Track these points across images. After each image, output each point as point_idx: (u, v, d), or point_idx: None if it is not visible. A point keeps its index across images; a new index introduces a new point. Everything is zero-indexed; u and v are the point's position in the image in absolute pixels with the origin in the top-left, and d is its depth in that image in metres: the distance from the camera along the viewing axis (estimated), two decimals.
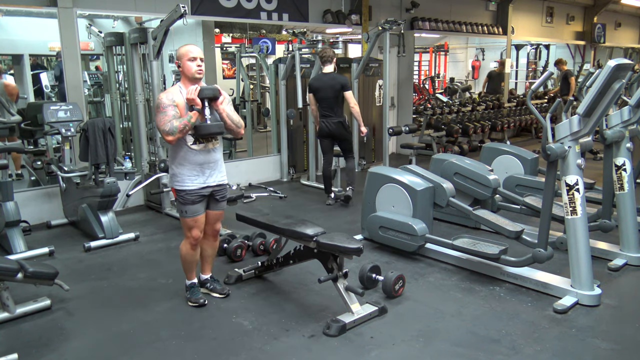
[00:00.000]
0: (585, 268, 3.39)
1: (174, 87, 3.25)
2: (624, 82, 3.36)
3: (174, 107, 3.11)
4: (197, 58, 3.19)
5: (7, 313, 3.27)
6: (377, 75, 8.03)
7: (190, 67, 3.18)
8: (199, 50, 3.24)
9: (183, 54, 3.20)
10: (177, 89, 3.21)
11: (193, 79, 3.20)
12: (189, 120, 3.08)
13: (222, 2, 6.53)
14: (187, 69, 3.19)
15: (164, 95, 3.17)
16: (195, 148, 3.20)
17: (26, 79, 7.15)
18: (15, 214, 4.43)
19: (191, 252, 3.40)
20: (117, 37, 5.99)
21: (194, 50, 3.21)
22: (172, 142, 3.12)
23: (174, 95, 3.16)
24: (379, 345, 2.95)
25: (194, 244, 3.37)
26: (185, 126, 3.07)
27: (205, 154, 3.24)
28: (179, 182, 3.24)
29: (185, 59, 3.18)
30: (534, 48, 13.50)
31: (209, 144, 3.24)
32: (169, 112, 3.09)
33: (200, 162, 3.23)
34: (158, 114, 3.13)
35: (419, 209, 4.21)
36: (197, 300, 3.44)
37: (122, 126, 6.48)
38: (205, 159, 3.24)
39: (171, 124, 3.06)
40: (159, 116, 3.12)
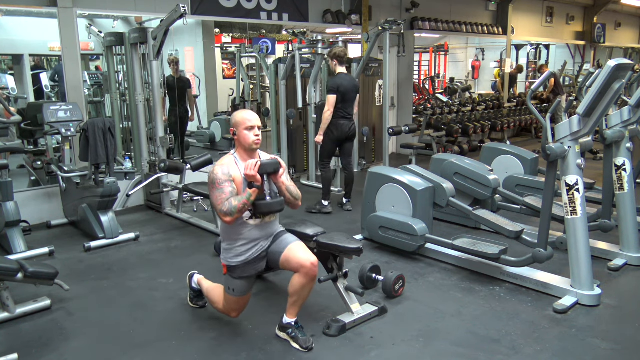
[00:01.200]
0: (585, 268, 3.39)
1: (228, 158, 2.93)
2: (624, 82, 3.36)
3: (230, 182, 2.81)
4: (255, 127, 2.89)
5: (7, 313, 3.27)
6: (377, 75, 8.03)
7: (247, 138, 2.88)
8: (256, 118, 2.93)
9: (239, 122, 2.89)
10: (233, 161, 2.91)
11: (250, 149, 2.92)
12: (248, 198, 2.76)
13: (222, 2, 6.53)
14: (243, 138, 2.89)
15: (219, 170, 2.84)
16: (252, 223, 2.91)
17: (26, 79, 7.15)
18: (15, 214, 4.42)
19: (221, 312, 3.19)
20: (117, 37, 5.99)
21: (252, 118, 2.90)
22: (230, 222, 2.81)
23: (230, 168, 2.86)
24: (379, 345, 2.95)
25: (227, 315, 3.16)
26: (244, 205, 2.76)
27: (262, 228, 2.95)
28: (231, 258, 2.95)
29: (241, 127, 2.88)
30: (534, 48, 13.51)
31: (266, 217, 2.95)
32: (225, 190, 2.79)
33: (256, 238, 2.94)
34: (214, 190, 2.82)
35: (419, 209, 4.21)
36: (197, 303, 3.42)
37: (122, 126, 6.48)
38: (262, 234, 2.97)
39: (229, 203, 2.75)
40: (215, 193, 2.81)
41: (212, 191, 2.84)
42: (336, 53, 5.44)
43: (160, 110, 5.54)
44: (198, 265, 3.94)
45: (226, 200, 2.77)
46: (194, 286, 3.43)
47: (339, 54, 5.47)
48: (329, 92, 5.41)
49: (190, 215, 5.42)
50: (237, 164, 2.90)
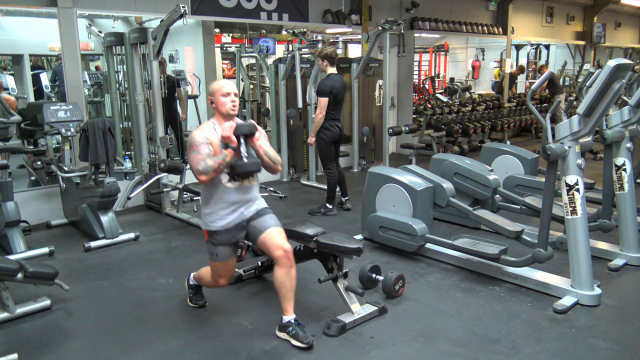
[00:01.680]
0: (585, 268, 3.39)
1: (207, 124, 3.05)
2: (624, 82, 3.36)
3: (207, 145, 2.91)
4: (231, 93, 3.00)
5: (7, 313, 3.27)
6: (377, 75, 8.03)
7: (224, 103, 2.98)
8: (232, 85, 3.06)
9: (216, 89, 3.02)
10: (211, 126, 3.01)
11: (227, 115, 3.00)
12: (223, 159, 2.85)
13: (222, 2, 6.53)
14: (220, 105, 2.99)
15: (197, 133, 2.96)
16: (230, 186, 2.99)
17: (26, 79, 7.15)
18: (15, 214, 4.43)
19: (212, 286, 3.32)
20: (117, 37, 5.99)
21: (228, 86, 3.02)
22: (205, 181, 2.90)
23: (207, 132, 2.97)
24: (379, 345, 2.95)
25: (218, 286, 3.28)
26: (220, 165, 2.85)
27: (241, 192, 3.02)
28: (212, 222, 3.02)
29: (218, 94, 3.00)
30: (534, 48, 13.51)
31: (244, 181, 3.02)
32: (202, 151, 2.89)
33: (235, 201, 3.01)
34: (191, 152, 2.92)
35: (419, 209, 4.21)
36: (197, 302, 3.44)
37: (122, 126, 6.48)
38: (241, 198, 3.02)
39: (205, 162, 2.85)
40: (192, 154, 2.91)
41: (190, 153, 2.94)
42: (327, 53, 5.31)
43: (160, 110, 5.54)
44: (198, 265, 3.92)
45: (202, 160, 2.87)
46: (190, 283, 3.48)
47: (330, 54, 5.36)
48: (321, 94, 5.24)
49: (190, 215, 5.42)
50: (215, 129, 3.00)
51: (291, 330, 2.97)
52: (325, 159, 5.51)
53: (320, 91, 5.28)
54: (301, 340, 2.92)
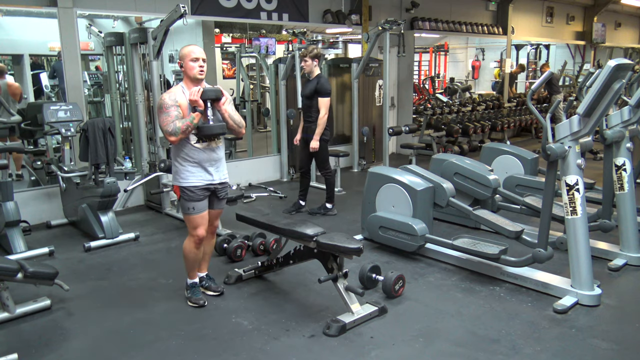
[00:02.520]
0: (585, 268, 3.39)
1: (176, 87, 3.26)
2: (624, 82, 3.36)
3: (176, 107, 3.14)
4: (199, 59, 3.19)
5: (7, 313, 3.27)
6: (377, 75, 8.02)
7: (192, 68, 3.18)
8: (201, 51, 3.24)
9: (185, 54, 3.21)
10: (180, 89, 3.23)
11: (195, 79, 3.21)
12: (191, 121, 3.10)
13: (222, 2, 6.53)
14: (189, 69, 3.19)
15: (167, 96, 3.18)
16: (199, 146, 3.23)
17: (26, 79, 7.15)
18: (15, 214, 4.43)
19: (195, 250, 3.40)
20: (117, 37, 5.99)
21: (197, 51, 3.22)
22: (174, 142, 3.15)
23: (176, 95, 3.18)
24: (379, 345, 2.95)
25: (199, 242, 3.37)
26: (187, 127, 3.10)
27: (209, 152, 3.27)
28: (184, 179, 3.26)
29: (187, 59, 3.19)
30: (534, 48, 13.50)
31: (211, 142, 3.27)
32: (171, 113, 3.12)
33: (203, 160, 3.25)
34: (161, 114, 3.15)
35: (419, 209, 4.21)
36: (197, 301, 3.44)
37: (122, 126, 6.48)
38: (209, 157, 3.27)
39: (174, 124, 3.09)
40: (161, 116, 3.14)
41: (160, 115, 3.17)
42: (318, 53, 5.25)
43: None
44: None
45: (171, 122, 3.10)
46: (188, 282, 3.53)
47: (320, 53, 5.34)
48: (325, 94, 5.15)
49: None
50: (184, 92, 3.20)
51: (204, 283, 3.59)
52: (326, 160, 5.44)
53: (324, 91, 5.16)
54: (213, 290, 3.56)
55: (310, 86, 5.24)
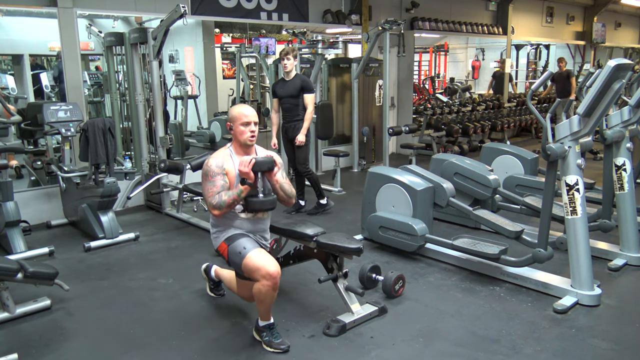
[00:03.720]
0: (585, 268, 3.39)
1: (224, 151, 2.94)
2: (624, 82, 3.36)
3: (223, 175, 2.84)
4: (251, 123, 2.88)
5: (7, 313, 3.27)
6: (377, 75, 8.03)
7: (243, 132, 2.88)
8: (253, 114, 2.92)
9: (236, 117, 2.89)
10: (228, 154, 2.92)
11: (245, 145, 2.92)
12: (239, 194, 2.78)
13: (222, 2, 6.53)
14: (239, 133, 2.89)
15: (214, 162, 2.86)
16: (244, 216, 2.94)
17: (26, 79, 7.15)
18: (15, 214, 4.42)
19: (271, 292, 2.78)
20: (117, 37, 5.99)
21: (249, 115, 2.90)
22: (217, 216, 2.85)
23: (224, 161, 2.87)
24: (379, 345, 2.95)
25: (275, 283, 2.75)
26: (234, 201, 2.79)
27: (254, 222, 2.98)
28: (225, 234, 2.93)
29: (238, 122, 2.88)
30: (534, 48, 13.51)
31: (258, 213, 2.98)
32: (217, 183, 2.81)
33: (247, 230, 2.96)
34: (206, 182, 2.84)
35: (419, 209, 4.21)
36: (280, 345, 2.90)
37: (122, 126, 6.48)
38: (253, 228, 2.98)
39: (220, 196, 2.78)
40: (207, 185, 2.84)
41: (205, 183, 2.86)
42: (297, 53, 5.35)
43: (160, 110, 5.54)
44: (198, 265, 3.93)
45: (217, 194, 2.80)
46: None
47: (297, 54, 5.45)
48: (311, 91, 5.30)
49: (190, 215, 5.42)
50: (232, 158, 2.91)
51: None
52: (307, 158, 5.52)
53: (310, 88, 5.31)
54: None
55: (293, 85, 5.27)
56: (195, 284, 3.77)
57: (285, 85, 5.31)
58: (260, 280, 2.74)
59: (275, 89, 5.39)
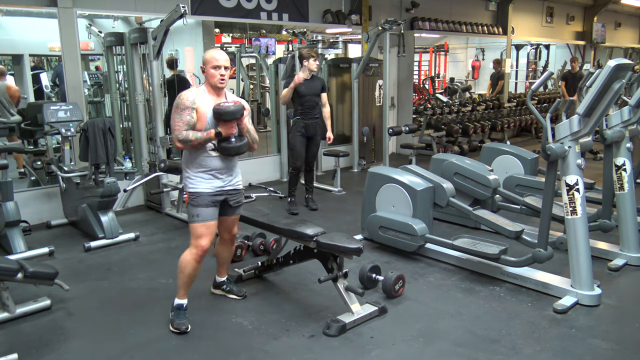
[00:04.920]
0: (585, 268, 3.39)
1: (199, 88, 3.11)
2: (624, 82, 3.36)
3: (192, 110, 2.98)
4: (221, 67, 3.02)
5: (7, 313, 3.27)
6: (377, 75, 8.03)
7: (213, 76, 3.03)
8: (224, 58, 3.05)
9: (208, 60, 3.04)
10: (202, 91, 3.08)
11: (215, 87, 3.07)
12: (204, 140, 2.97)
13: (222, 2, 6.53)
14: (210, 76, 3.05)
15: (186, 95, 3.02)
16: (214, 154, 3.08)
17: (26, 79, 7.15)
18: (15, 214, 4.42)
19: (194, 264, 3.12)
20: (117, 37, 5.99)
21: (220, 58, 3.03)
22: (180, 148, 3.08)
23: (196, 96, 3.02)
24: (379, 345, 2.95)
25: (201, 255, 3.11)
26: (198, 144, 2.99)
27: (223, 160, 3.12)
28: (193, 185, 3.10)
29: (209, 65, 3.03)
30: (534, 48, 13.50)
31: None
32: (184, 117, 2.97)
33: (217, 167, 3.10)
34: (175, 113, 3.01)
35: (419, 209, 4.21)
36: (180, 326, 3.11)
37: (122, 126, 6.48)
38: (223, 165, 3.12)
39: (186, 134, 2.95)
40: (174, 117, 3.01)
41: (174, 114, 3.03)
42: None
43: (160, 110, 5.54)
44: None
45: (183, 129, 2.97)
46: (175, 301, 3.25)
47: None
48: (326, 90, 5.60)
49: None
50: (204, 96, 3.06)
51: (226, 287, 3.58)
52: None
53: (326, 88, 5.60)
54: (236, 294, 3.55)
55: (316, 84, 5.51)
56: (195, 283, 3.76)
57: (309, 84, 5.44)
58: (191, 247, 3.13)
59: (300, 88, 5.42)
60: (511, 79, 12.38)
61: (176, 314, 3.18)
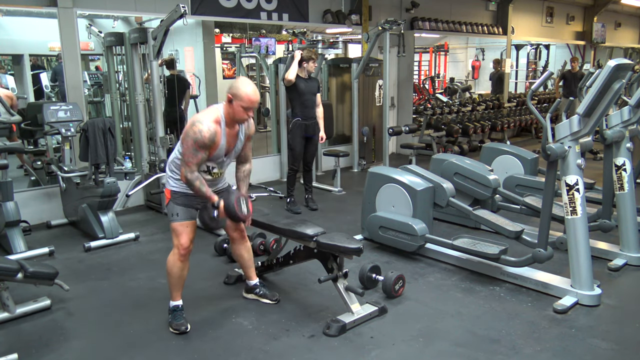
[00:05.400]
0: (585, 268, 3.39)
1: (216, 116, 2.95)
2: (624, 82, 3.36)
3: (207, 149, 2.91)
4: (252, 109, 2.96)
5: (7, 313, 3.27)
6: (377, 75, 8.02)
7: (241, 114, 2.94)
8: (258, 100, 2.99)
9: (242, 97, 2.89)
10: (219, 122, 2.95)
11: (239, 122, 3.03)
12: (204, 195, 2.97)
13: (222, 2, 6.53)
14: (237, 113, 2.94)
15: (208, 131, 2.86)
16: (207, 178, 3.07)
17: (26, 79, 7.15)
18: (15, 214, 4.43)
19: (179, 265, 3.13)
20: (117, 37, 5.99)
21: (255, 101, 2.94)
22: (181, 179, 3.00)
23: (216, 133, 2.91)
24: (379, 345, 2.95)
25: (184, 254, 3.12)
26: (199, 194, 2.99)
27: (211, 183, 3.12)
28: (175, 184, 3.08)
29: (241, 103, 2.90)
30: (534, 48, 13.50)
31: (218, 177, 3.17)
32: (199, 155, 2.89)
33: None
34: (191, 146, 2.86)
35: (419, 209, 4.21)
36: (179, 327, 3.11)
37: (122, 126, 6.48)
38: (211, 184, 3.12)
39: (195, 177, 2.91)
40: (189, 150, 2.87)
41: (190, 145, 2.87)
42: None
43: (160, 110, 5.54)
44: (198, 266, 3.94)
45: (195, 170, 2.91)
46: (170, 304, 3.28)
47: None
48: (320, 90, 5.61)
49: None
50: (222, 128, 2.97)
51: (258, 291, 3.49)
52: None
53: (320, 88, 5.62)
54: (269, 298, 3.45)
55: (314, 84, 5.54)
56: (195, 283, 3.77)
57: (307, 83, 5.46)
58: (173, 247, 3.16)
59: (299, 83, 5.43)
60: (511, 79, 12.38)
61: (173, 316, 3.19)
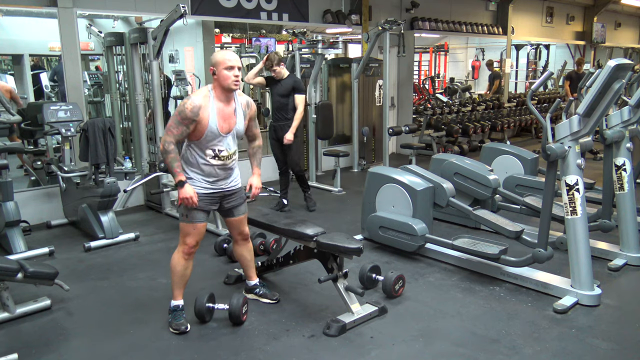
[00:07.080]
0: (585, 268, 3.39)
1: (205, 93, 2.97)
2: (624, 82, 3.36)
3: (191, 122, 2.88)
4: (235, 67, 2.92)
5: (7, 313, 3.27)
6: (377, 75, 8.03)
7: (227, 77, 2.91)
8: (237, 58, 2.97)
9: (219, 61, 2.91)
10: (208, 98, 2.95)
11: (228, 89, 2.97)
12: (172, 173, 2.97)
13: (222, 2, 6.53)
14: (223, 78, 2.92)
15: (192, 104, 2.88)
16: (214, 162, 3.03)
17: (26, 79, 7.15)
18: (15, 214, 4.43)
19: (183, 262, 3.15)
20: (117, 37, 5.99)
21: (232, 58, 2.93)
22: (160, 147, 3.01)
23: (202, 106, 2.90)
24: (379, 345, 2.95)
25: (189, 253, 3.14)
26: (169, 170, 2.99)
27: (222, 168, 3.08)
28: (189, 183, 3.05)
29: (221, 67, 2.90)
30: (534, 48, 13.51)
31: (227, 160, 3.08)
32: (181, 128, 2.89)
33: (215, 175, 3.07)
34: (174, 118, 2.91)
35: (419, 209, 4.21)
36: (179, 327, 3.10)
37: (122, 126, 6.48)
38: (222, 173, 3.09)
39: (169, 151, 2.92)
40: (173, 121, 2.91)
41: (173, 117, 2.93)
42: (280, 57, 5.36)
43: (160, 110, 5.54)
44: (198, 266, 3.93)
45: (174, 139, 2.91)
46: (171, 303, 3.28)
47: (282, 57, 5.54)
48: (302, 92, 5.36)
49: None
50: (211, 104, 2.95)
51: (258, 291, 3.50)
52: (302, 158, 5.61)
53: (301, 89, 5.40)
54: (269, 298, 3.47)
55: (286, 85, 5.35)
56: (195, 283, 3.77)
57: (277, 85, 5.36)
58: (179, 245, 3.16)
59: (270, 85, 5.41)
60: (511, 79, 12.39)
61: (173, 316, 3.18)
